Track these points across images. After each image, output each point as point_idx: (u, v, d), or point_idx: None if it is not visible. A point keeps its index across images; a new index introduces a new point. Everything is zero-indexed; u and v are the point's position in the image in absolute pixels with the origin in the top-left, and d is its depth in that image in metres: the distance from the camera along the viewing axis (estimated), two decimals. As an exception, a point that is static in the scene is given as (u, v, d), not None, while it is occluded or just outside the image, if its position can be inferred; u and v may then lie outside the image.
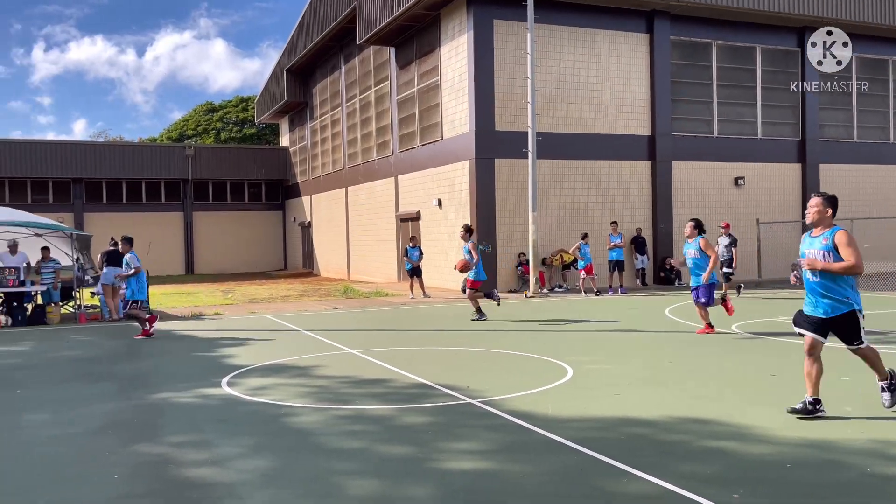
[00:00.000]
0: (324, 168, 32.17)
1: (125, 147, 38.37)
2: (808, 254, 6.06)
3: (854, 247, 5.90)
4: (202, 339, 12.14)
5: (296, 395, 7.40)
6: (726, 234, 17.28)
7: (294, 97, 33.80)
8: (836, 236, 5.96)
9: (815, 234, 6.13)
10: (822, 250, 5.98)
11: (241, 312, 16.26)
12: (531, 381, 7.84)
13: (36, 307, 15.15)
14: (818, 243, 6.04)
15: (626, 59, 21.49)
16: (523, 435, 5.79)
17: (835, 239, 5.95)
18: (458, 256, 20.77)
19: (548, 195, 20.26)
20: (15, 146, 33.21)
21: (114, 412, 6.89)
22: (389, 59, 24.94)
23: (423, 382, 7.88)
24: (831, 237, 5.97)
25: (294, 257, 36.80)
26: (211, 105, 55.80)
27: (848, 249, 5.87)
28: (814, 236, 6.13)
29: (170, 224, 35.34)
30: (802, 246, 6.18)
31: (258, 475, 4.96)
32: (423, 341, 11.30)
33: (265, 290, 23.09)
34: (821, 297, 6.03)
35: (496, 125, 19.92)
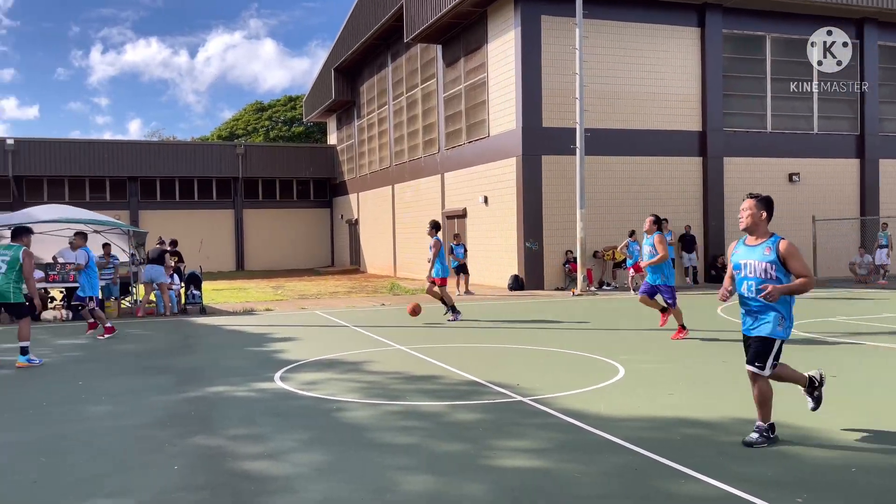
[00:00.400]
0: (370, 166, 32.41)
1: (178, 146, 39.29)
2: (745, 265, 5.36)
3: (803, 259, 5.28)
4: (254, 334, 12.36)
5: (347, 391, 7.47)
6: None
7: (342, 96, 34.15)
8: (781, 247, 5.24)
9: (752, 242, 5.39)
10: (763, 262, 5.27)
11: (291, 308, 16.50)
12: (582, 379, 7.77)
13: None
14: (758, 254, 5.30)
15: (677, 53, 21.13)
16: (576, 434, 5.74)
17: (780, 250, 5.23)
18: (506, 253, 20.77)
19: (596, 192, 20.06)
20: (74, 146, 34.27)
21: (172, 404, 7.06)
22: (436, 57, 24.99)
23: (473, 380, 7.88)
24: (774, 247, 5.26)
25: (341, 254, 37.19)
26: (260, 104, 56.72)
27: (798, 262, 5.21)
28: (750, 245, 5.39)
29: (221, 221, 36.06)
30: (735, 256, 5.47)
31: (312, 469, 5.02)
32: (470, 338, 11.29)
33: (314, 287, 23.38)
34: (753, 311, 5.37)
35: (543, 122, 19.80)
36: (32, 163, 32.51)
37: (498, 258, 21.10)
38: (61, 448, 5.63)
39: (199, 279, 16.49)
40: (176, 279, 16.14)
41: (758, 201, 5.39)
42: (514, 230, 20.14)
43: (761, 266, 5.28)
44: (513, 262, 20.20)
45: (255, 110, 56.22)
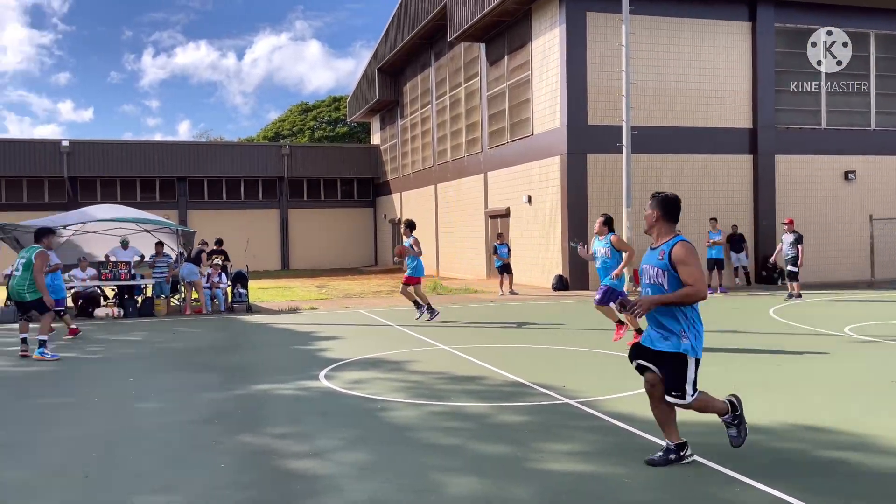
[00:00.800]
0: (413, 165, 32.48)
1: (225, 147, 39.95)
2: (644, 271, 4.86)
3: (696, 265, 4.64)
4: (299, 332, 12.45)
5: (391, 390, 7.45)
6: (790, 230, 16.42)
7: (385, 96, 34.29)
8: (673, 251, 4.67)
9: (654, 245, 4.89)
10: (656, 267, 4.75)
11: (336, 307, 16.60)
12: (630, 381, 7.58)
13: (145, 299, 15.93)
14: (654, 258, 4.79)
15: (727, 48, 20.65)
16: (625, 437, 5.61)
17: (671, 254, 4.67)
18: (550, 253, 20.57)
19: (643, 191, 19.67)
20: (126, 147, 35.11)
21: (218, 402, 7.12)
22: (479, 56, 24.89)
23: (517, 381, 7.78)
24: (668, 251, 4.70)
25: (385, 254, 37.35)
26: (305, 105, 57.38)
27: (687, 269, 4.60)
28: (652, 248, 4.91)
29: (266, 221, 36.53)
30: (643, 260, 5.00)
31: (357, 468, 4.99)
32: (514, 338, 11.19)
33: (357, 286, 23.51)
34: (653, 323, 4.85)
35: (589, 119, 19.55)
36: (86, 164, 33.40)
37: (542, 258, 20.91)
38: (112, 444, 5.72)
39: (245, 278, 16.71)
40: (223, 278, 16.38)
41: (654, 201, 4.88)
42: (558, 229, 19.93)
43: (654, 272, 4.76)
44: (557, 262, 19.99)
45: (300, 111, 56.89)
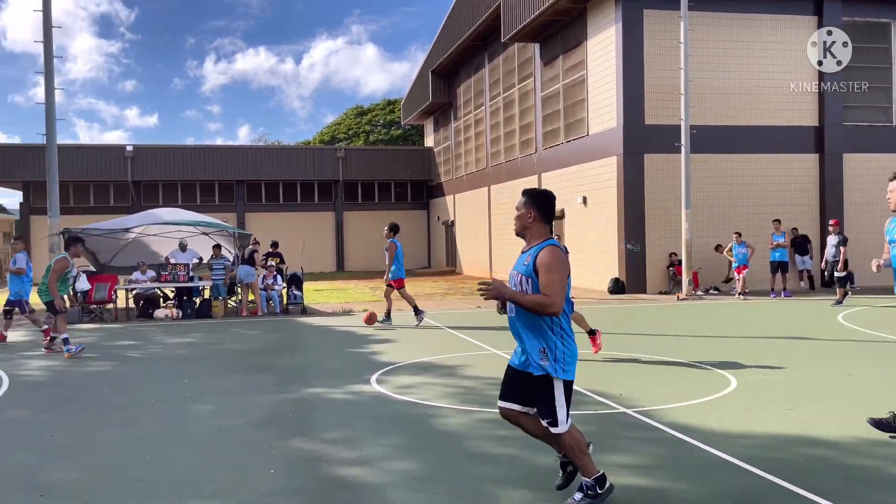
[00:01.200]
0: (467, 167, 32.40)
1: (282, 150, 40.60)
2: (511, 276, 4.35)
3: (559, 274, 4.04)
4: (352, 334, 12.47)
5: (442, 396, 7.34)
6: (835, 232, 15.66)
7: (438, 98, 34.31)
8: (539, 255, 4.09)
9: (524, 248, 4.34)
10: (520, 273, 4.19)
11: (388, 310, 16.57)
12: (690, 390, 7.32)
13: (203, 301, 16.24)
14: (520, 263, 4.26)
15: (791, 44, 19.93)
16: (685, 450, 5.37)
17: (537, 259, 4.10)
18: (605, 256, 20.20)
19: (702, 192, 19.20)
20: (186, 151, 36.02)
21: (271, 405, 7.14)
22: (534, 56, 24.65)
23: (572, 387, 7.57)
24: (534, 256, 4.14)
25: (438, 255, 37.37)
26: (360, 108, 57.95)
27: (549, 276, 4.02)
28: (522, 252, 4.34)
29: (322, 223, 36.97)
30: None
31: (406, 478, 4.90)
32: (569, 343, 10.93)
33: (410, 288, 23.42)
34: (518, 338, 4.33)
35: (646, 119, 19.13)
36: (149, 168, 34.37)
37: (597, 260, 20.55)
38: (165, 446, 5.76)
39: (300, 280, 16.87)
40: (278, 280, 16.58)
41: (526, 198, 4.26)
42: (615, 231, 19.55)
43: (518, 279, 4.19)
44: (613, 265, 19.61)
45: (355, 114, 57.48)
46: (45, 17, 16.16)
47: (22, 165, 32.46)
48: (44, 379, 8.95)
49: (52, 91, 16.24)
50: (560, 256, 4.11)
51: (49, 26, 16.18)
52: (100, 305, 15.76)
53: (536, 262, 4.09)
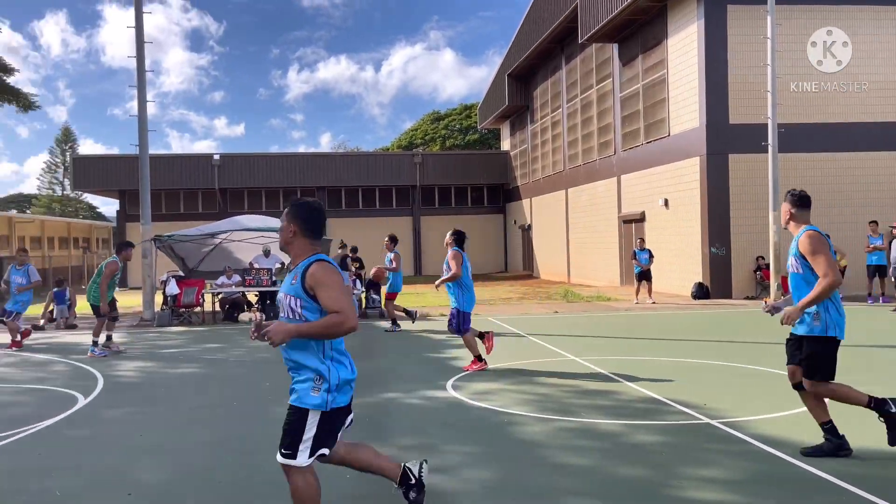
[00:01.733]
0: (544, 170, 32.10)
1: (361, 157, 41.30)
2: (279, 301, 3.89)
3: (337, 287, 3.61)
4: (429, 339, 12.50)
5: (519, 403, 7.24)
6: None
7: (515, 101, 34.17)
8: (308, 272, 3.64)
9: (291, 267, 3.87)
10: (289, 295, 3.74)
11: (465, 314, 16.56)
12: (780, 402, 6.97)
13: (285, 305, 16.61)
14: (286, 284, 3.81)
15: (885, 36, 18.85)
16: (776, 465, 5.09)
17: (306, 276, 3.65)
18: (688, 259, 19.58)
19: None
20: (270, 159, 37.11)
21: (348, 409, 7.20)
22: (612, 56, 24.21)
23: (653, 397, 7.34)
24: (301, 275, 3.66)
25: (514, 260, 37.17)
26: (437, 114, 58.40)
27: (327, 293, 3.59)
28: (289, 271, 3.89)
29: (400, 228, 37.31)
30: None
31: (482, 486, 4.83)
32: (650, 351, 10.64)
33: (487, 292, 23.45)
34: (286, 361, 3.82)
35: (730, 118, 18.48)
36: (234, 176, 35.59)
37: (680, 264, 19.95)
38: (247, 448, 5.89)
39: (378, 285, 17.06)
40: (357, 285, 16.82)
41: (287, 210, 3.82)
42: (698, 234, 18.94)
43: (287, 301, 3.71)
44: (696, 269, 19.00)
45: (432, 120, 57.95)
46: (138, 33, 16.95)
47: (118, 175, 34.18)
48: (136, 380, 9.34)
49: (145, 103, 17.01)
50: (331, 269, 3.65)
51: (141, 42, 16.96)
52: (188, 309, 16.38)
53: (305, 281, 3.62)
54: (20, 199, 77.98)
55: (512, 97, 34.06)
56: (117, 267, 11.46)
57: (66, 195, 73.78)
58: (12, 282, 12.51)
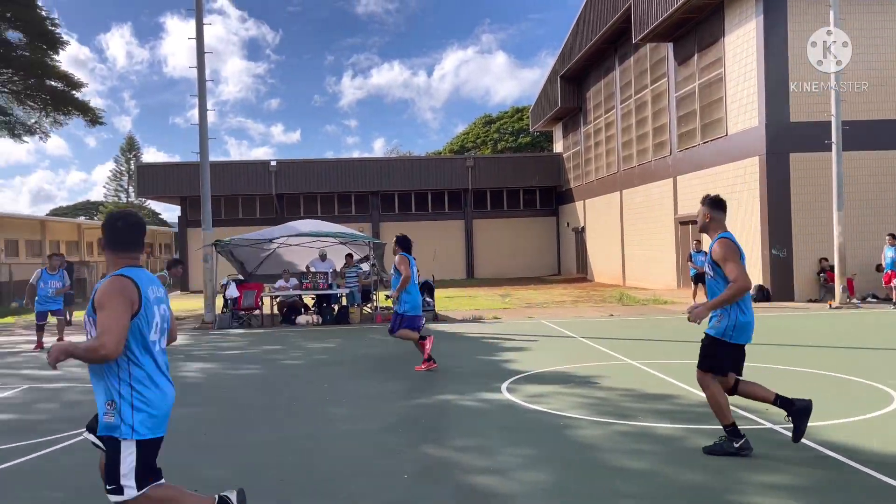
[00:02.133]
0: (597, 172, 31.77)
1: (413, 161, 41.57)
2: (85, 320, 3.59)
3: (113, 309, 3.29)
4: (482, 342, 12.52)
5: (575, 406, 7.20)
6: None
7: (567, 103, 33.92)
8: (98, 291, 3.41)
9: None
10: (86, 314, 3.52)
11: (519, 317, 16.55)
12: (847, 407, 6.76)
13: (341, 308, 16.88)
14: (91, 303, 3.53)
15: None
16: (844, 472, 4.95)
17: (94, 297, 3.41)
18: (748, 262, 19.08)
19: (856, 192, 17.78)
20: (324, 165, 37.69)
21: (404, 410, 7.28)
22: (667, 56, 23.83)
23: (713, 401, 7.19)
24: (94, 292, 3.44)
25: (568, 262, 36.87)
26: (489, 117, 58.37)
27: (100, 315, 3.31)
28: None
29: (452, 231, 37.49)
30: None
31: (539, 489, 4.83)
32: (709, 354, 10.42)
33: (540, 295, 23.33)
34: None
35: (791, 116, 17.99)
36: (291, 181, 36.26)
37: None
38: (306, 448, 6.01)
39: (432, 287, 17.17)
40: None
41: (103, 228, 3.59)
42: (758, 236, 18.48)
43: (84, 320, 3.51)
44: (756, 272, 18.53)
45: (483, 123, 57.94)
46: (199, 44, 17.46)
47: (180, 182, 35.20)
48: (199, 380, 9.61)
49: (205, 112, 17.51)
50: (114, 288, 3.32)
51: (202, 53, 17.47)
52: (247, 312, 16.76)
53: (94, 299, 3.36)
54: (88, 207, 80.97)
55: (564, 99, 33.82)
56: (165, 282, 11.87)
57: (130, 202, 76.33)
58: (47, 286, 13.10)
